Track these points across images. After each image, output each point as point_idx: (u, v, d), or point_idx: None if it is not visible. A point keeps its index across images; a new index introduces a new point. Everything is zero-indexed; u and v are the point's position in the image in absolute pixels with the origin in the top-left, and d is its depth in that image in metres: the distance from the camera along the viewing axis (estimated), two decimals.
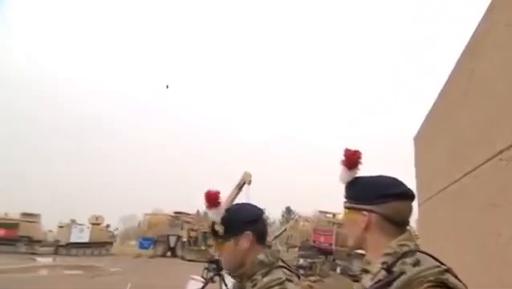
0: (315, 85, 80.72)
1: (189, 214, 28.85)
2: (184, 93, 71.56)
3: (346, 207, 1.09)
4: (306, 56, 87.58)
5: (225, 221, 1.20)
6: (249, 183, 26.21)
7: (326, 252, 22.93)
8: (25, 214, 25.38)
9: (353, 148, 1.10)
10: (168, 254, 26.49)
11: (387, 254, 0.93)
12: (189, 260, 23.07)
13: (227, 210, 1.22)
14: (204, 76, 77.16)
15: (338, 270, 20.48)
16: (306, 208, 35.92)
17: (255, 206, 1.28)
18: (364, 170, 1.10)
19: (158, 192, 47.27)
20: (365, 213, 1.01)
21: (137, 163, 59.06)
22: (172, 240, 26.29)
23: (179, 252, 25.95)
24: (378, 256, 0.95)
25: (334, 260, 21.84)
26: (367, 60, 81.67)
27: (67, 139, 58.65)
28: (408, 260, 0.88)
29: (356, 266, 18.42)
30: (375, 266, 0.94)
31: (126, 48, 74.95)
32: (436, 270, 0.85)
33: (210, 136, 67.04)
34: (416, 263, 0.87)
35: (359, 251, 1.12)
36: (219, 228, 1.19)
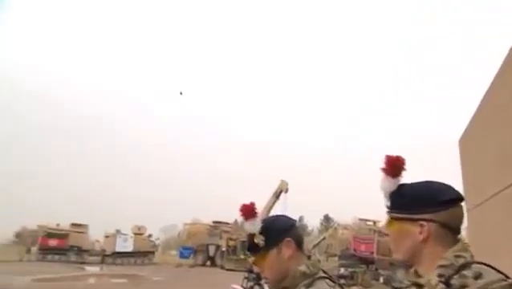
0: (315, 85, 79.72)
1: (228, 224, 29.09)
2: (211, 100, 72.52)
3: (395, 218, 0.99)
4: (306, 56, 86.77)
5: (263, 231, 1.17)
6: (286, 191, 26.04)
7: (367, 261, 22.21)
8: (74, 225, 26.74)
9: (394, 154, 1.02)
10: (208, 263, 26.80)
11: (442, 266, 0.85)
12: (229, 269, 23.19)
13: (263, 222, 1.20)
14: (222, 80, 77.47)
15: (381, 279, 19.74)
16: (344, 216, 35.01)
17: (287, 216, 1.27)
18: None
19: (197, 202, 48.21)
20: (423, 223, 0.92)
21: (176, 174, 60.60)
22: (212, 249, 26.60)
23: (218, 261, 26.18)
24: (431, 268, 0.88)
25: (376, 269, 21.10)
26: (367, 60, 79.99)
27: (110, 154, 61.27)
28: (468, 273, 0.81)
29: (400, 276, 17.65)
30: (431, 280, 0.86)
31: (132, 49, 76.88)
32: (503, 283, 0.77)
33: (245, 145, 67.52)
34: (478, 276, 0.80)
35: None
36: (259, 239, 1.16)
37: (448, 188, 0.96)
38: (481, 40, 65.62)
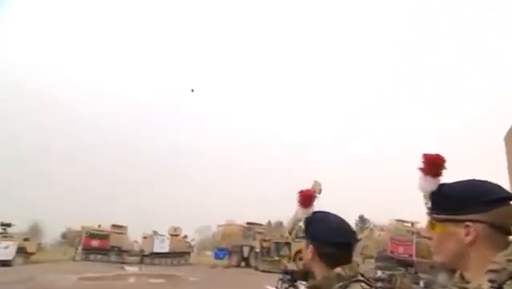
0: (314, 85, 78.61)
1: (261, 225, 29.15)
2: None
3: (437, 219, 0.93)
4: (305, 56, 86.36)
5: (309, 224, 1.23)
6: (320, 192, 25.72)
7: (405, 263, 21.46)
8: (114, 226, 27.85)
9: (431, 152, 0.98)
10: (243, 264, 26.99)
11: (493, 271, 0.78)
12: (263, 270, 23.23)
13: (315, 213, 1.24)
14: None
15: (421, 283, 18.98)
16: (380, 216, 34.06)
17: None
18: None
19: (231, 203, 48.68)
20: (469, 224, 0.86)
21: (211, 176, 61.58)
22: (246, 250, 26.77)
23: (252, 262, 26.29)
24: (479, 273, 0.82)
25: (416, 272, 20.33)
26: (367, 60, 79.38)
27: (149, 157, 63.14)
28: None
29: (442, 280, 16.90)
30: (481, 285, 0.80)
31: (135, 48, 77.77)
32: None
33: (278, 144, 67.46)
34: None
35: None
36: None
37: (495, 186, 0.90)
38: (481, 40, 65.72)
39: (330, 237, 1.16)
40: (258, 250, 26.26)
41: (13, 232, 24.08)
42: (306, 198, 1.24)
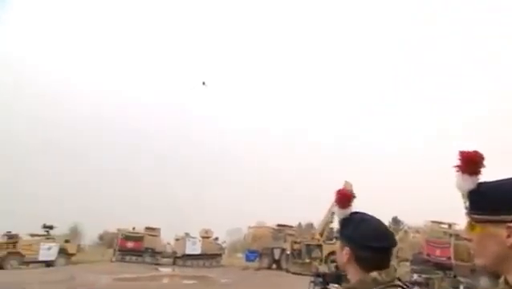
0: (313, 85, 76.43)
1: (292, 227, 28.97)
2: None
3: (476, 220, 0.89)
4: (305, 56, 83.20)
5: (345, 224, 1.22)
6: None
7: (443, 267, 20.61)
8: (148, 228, 28.59)
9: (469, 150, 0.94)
10: (274, 266, 26.94)
11: None
12: (294, 273, 23.08)
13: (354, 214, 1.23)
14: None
15: (461, 287, 18.18)
16: (415, 218, 32.91)
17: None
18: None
19: (261, 204, 48.75)
20: (511, 224, 0.81)
21: (240, 176, 61.90)
22: (277, 253, 26.69)
23: (284, 264, 26.18)
24: None
25: (455, 276, 19.48)
26: (367, 60, 76.69)
27: (179, 160, 64.44)
28: None
29: (483, 284, 16.10)
30: None
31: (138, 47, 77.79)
32: None
33: (307, 144, 66.80)
34: None
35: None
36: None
37: None
38: (481, 40, 63.75)
39: (368, 240, 1.13)
40: (288, 252, 26.12)
41: (54, 234, 25.37)
42: (345, 198, 1.21)
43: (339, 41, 78.33)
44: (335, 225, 26.48)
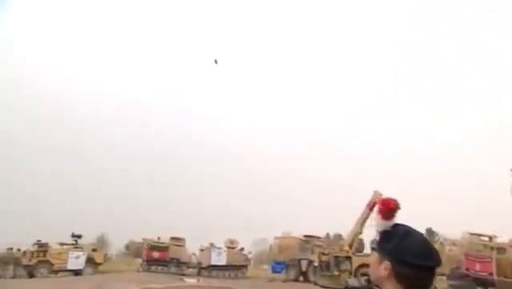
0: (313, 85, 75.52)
1: (319, 238, 28.17)
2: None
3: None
4: (304, 56, 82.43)
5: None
6: None
7: (484, 283, 19.30)
8: (173, 238, 28.54)
9: None
10: (301, 278, 26.16)
11: None
12: (322, 286, 22.28)
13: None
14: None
15: None
16: (451, 229, 31.27)
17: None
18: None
19: (287, 214, 47.94)
20: None
21: (266, 187, 61.35)
22: (304, 264, 25.92)
23: (311, 277, 25.37)
24: None
25: None
26: (367, 60, 76.45)
27: (204, 170, 64.61)
28: None
29: None
30: None
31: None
32: None
33: (336, 152, 65.78)
34: None
35: None
36: (374, 244, 1.22)
37: None
38: (481, 40, 64.27)
39: (412, 257, 1.10)
40: (316, 263, 25.30)
41: (82, 243, 25.68)
42: (389, 209, 1.16)
43: (339, 41, 79.28)
44: (365, 236, 25.54)
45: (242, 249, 29.78)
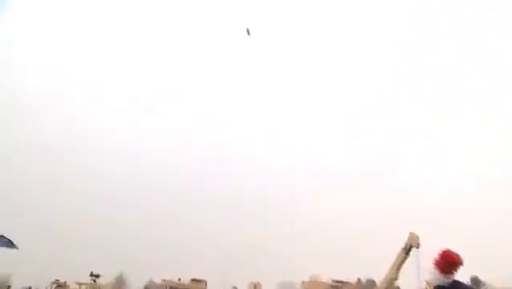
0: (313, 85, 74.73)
1: (350, 283, 25.97)
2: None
3: None
4: (304, 56, 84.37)
5: None
6: (418, 247, 22.29)
7: None
8: (194, 280, 27.24)
9: None
10: None
11: None
12: None
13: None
14: None
15: None
16: (498, 277, 28.10)
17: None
18: None
19: (313, 258, 45.26)
20: None
21: (293, 226, 58.93)
22: None
23: None
24: None
25: None
26: (367, 60, 77.59)
27: (225, 209, 63.36)
28: None
29: None
30: None
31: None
32: None
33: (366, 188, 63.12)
34: None
35: None
36: None
37: None
38: (481, 40, 64.46)
39: None
40: None
41: (101, 283, 24.85)
42: (451, 264, 1.26)
43: (339, 41, 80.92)
44: (401, 282, 23.22)
45: None
